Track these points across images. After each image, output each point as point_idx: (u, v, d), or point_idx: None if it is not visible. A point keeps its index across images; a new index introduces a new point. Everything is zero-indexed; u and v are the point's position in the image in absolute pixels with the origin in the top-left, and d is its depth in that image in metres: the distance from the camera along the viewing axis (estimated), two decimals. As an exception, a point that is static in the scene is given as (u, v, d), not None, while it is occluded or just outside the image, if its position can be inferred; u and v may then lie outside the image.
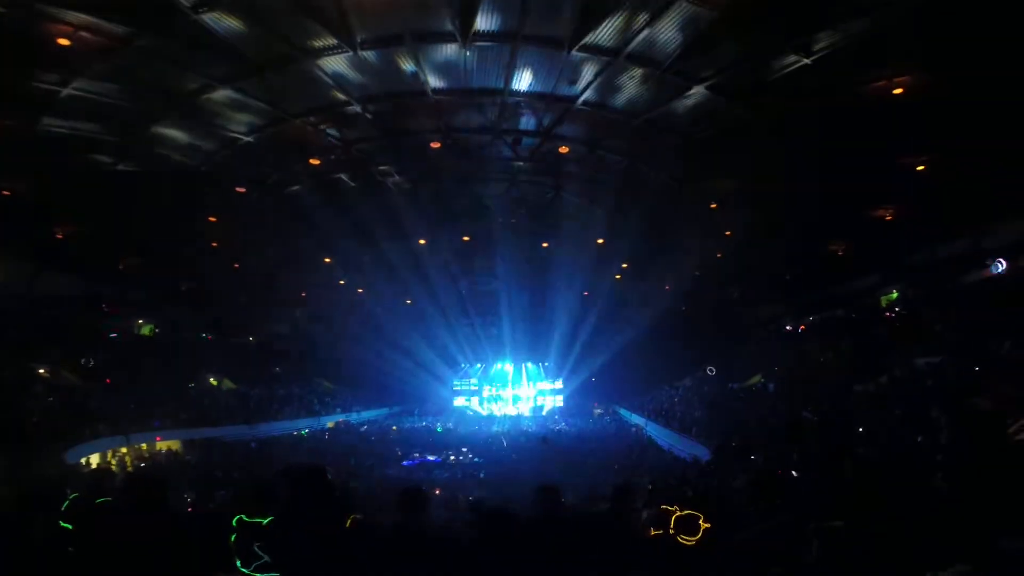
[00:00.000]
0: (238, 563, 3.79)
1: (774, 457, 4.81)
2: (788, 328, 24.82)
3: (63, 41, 8.72)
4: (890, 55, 8.96)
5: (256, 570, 3.74)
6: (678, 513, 4.00)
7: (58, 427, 15.10)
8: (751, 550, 4.12)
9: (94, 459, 15.95)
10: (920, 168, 12.28)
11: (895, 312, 17.71)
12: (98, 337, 22.22)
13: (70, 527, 3.89)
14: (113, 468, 15.74)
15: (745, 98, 10.66)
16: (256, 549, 3.78)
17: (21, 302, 18.98)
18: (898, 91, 9.63)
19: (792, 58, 9.26)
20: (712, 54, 9.52)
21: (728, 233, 17.59)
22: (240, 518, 3.90)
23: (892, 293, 18.73)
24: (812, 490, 4.74)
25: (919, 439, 6.81)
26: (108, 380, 20.27)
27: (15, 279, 18.69)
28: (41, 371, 18.17)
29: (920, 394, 11.20)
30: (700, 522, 4.01)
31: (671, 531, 3.93)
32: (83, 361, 20.29)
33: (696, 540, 3.93)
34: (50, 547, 3.69)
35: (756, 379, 23.10)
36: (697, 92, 10.64)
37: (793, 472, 5.00)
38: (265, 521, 3.87)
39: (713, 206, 15.99)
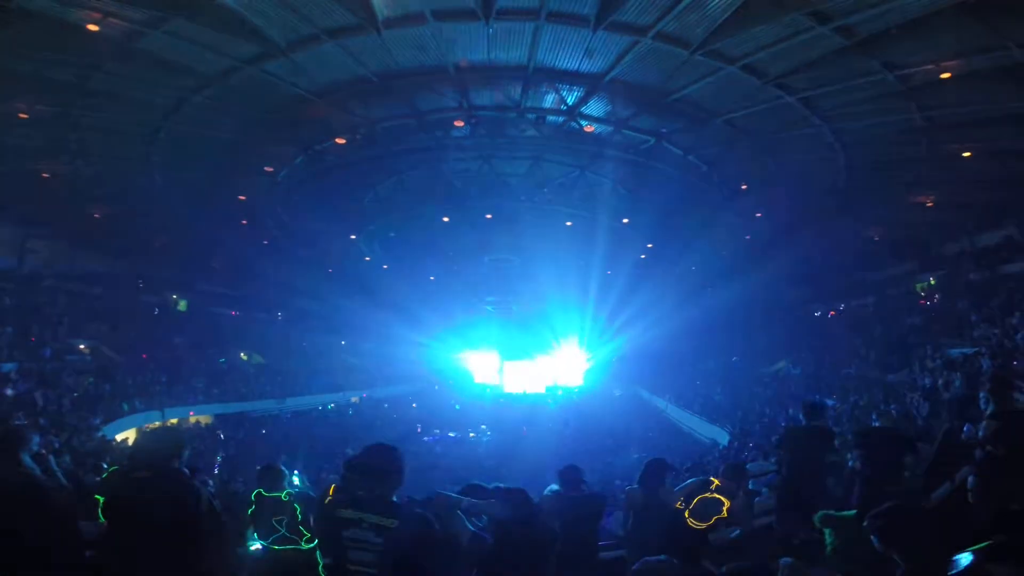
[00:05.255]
0: (255, 535, 4.04)
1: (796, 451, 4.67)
2: (816, 313, 24.21)
3: (91, 27, 8.71)
4: (936, 37, 8.41)
5: (274, 543, 3.94)
6: (705, 495, 3.97)
7: (97, 402, 15.74)
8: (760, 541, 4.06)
9: (132, 434, 16.53)
10: (966, 155, 11.66)
11: (930, 300, 17.09)
12: (135, 313, 22.93)
13: (102, 499, 4.13)
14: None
15: (781, 81, 10.22)
16: (274, 522, 3.96)
17: (63, 280, 19.77)
18: (945, 76, 9.08)
19: (834, 40, 8.76)
20: (746, 34, 9.09)
21: (759, 215, 17.12)
22: (259, 492, 4.10)
23: (929, 280, 18.06)
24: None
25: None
26: (144, 355, 20.97)
27: (58, 259, 19.43)
28: (82, 347, 18.83)
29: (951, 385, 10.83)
30: (722, 506, 3.96)
31: (687, 512, 3.90)
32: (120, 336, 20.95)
33: (706, 526, 3.88)
34: (88, 520, 3.86)
35: (781, 364, 22.66)
36: (729, 72, 10.20)
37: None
38: (283, 495, 4.04)
39: (744, 187, 15.59)
